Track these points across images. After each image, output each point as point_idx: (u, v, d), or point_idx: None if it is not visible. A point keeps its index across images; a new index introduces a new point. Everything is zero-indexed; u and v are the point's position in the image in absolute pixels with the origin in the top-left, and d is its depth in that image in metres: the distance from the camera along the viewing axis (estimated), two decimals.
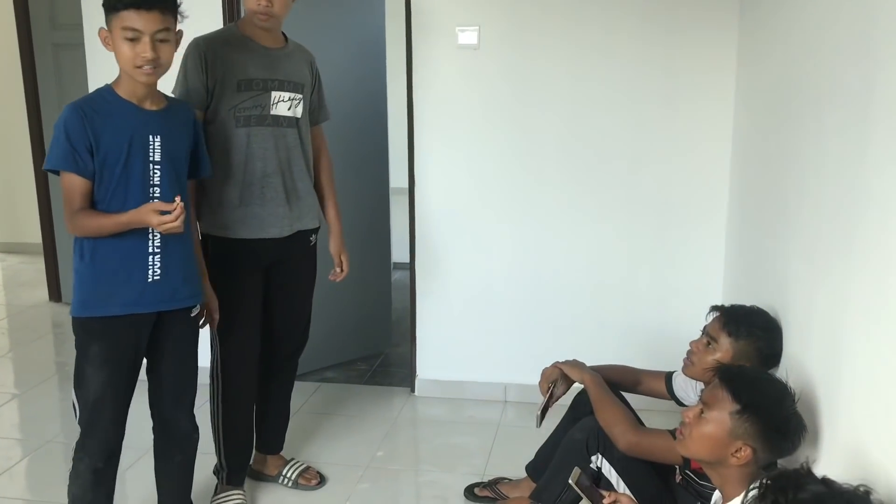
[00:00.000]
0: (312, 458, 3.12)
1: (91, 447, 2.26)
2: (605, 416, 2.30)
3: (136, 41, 2.06)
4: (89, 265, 2.17)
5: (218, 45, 2.54)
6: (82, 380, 2.22)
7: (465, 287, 3.61)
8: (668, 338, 3.12)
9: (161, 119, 2.20)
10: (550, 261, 3.52)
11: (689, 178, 3.35)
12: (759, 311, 2.31)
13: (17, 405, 3.72)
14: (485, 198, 3.52)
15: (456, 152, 3.50)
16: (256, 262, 2.65)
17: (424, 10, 3.39)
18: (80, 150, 2.08)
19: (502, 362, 3.63)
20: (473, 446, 3.24)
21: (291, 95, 2.60)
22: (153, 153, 2.17)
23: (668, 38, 3.27)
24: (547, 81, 3.37)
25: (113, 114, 2.13)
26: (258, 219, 2.59)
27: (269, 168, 2.58)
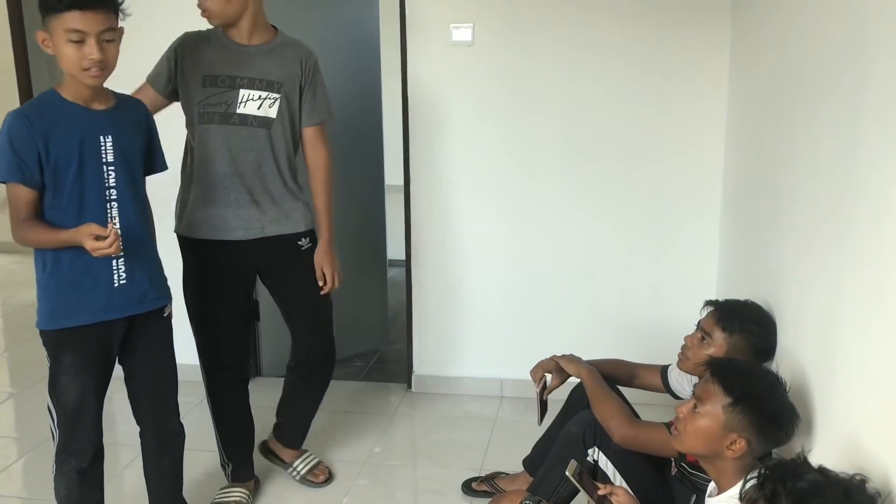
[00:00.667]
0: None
1: (76, 450, 2.24)
2: (601, 409, 2.32)
3: (82, 43, 1.99)
4: (53, 276, 2.12)
5: (195, 40, 2.55)
6: (58, 388, 2.18)
7: (461, 283, 3.62)
8: (663, 332, 3.14)
9: (111, 118, 2.14)
10: (546, 256, 3.53)
11: (684, 173, 3.37)
12: (753, 305, 2.32)
13: (13, 404, 3.72)
14: (480, 194, 3.53)
15: (451, 149, 3.50)
16: (228, 263, 2.60)
17: (418, 8, 3.40)
18: (27, 158, 2.02)
19: (498, 358, 3.64)
20: (470, 441, 3.26)
21: (263, 94, 2.52)
22: (105, 154, 2.11)
23: (661, 35, 3.28)
24: (541, 78, 3.38)
25: (60, 118, 2.06)
26: (222, 220, 2.56)
27: (233, 168, 2.53)
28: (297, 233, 2.67)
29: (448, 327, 3.67)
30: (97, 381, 2.22)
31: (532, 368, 2.58)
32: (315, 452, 3.09)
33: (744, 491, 1.41)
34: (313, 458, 3.00)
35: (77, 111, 2.09)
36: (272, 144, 2.57)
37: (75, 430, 2.22)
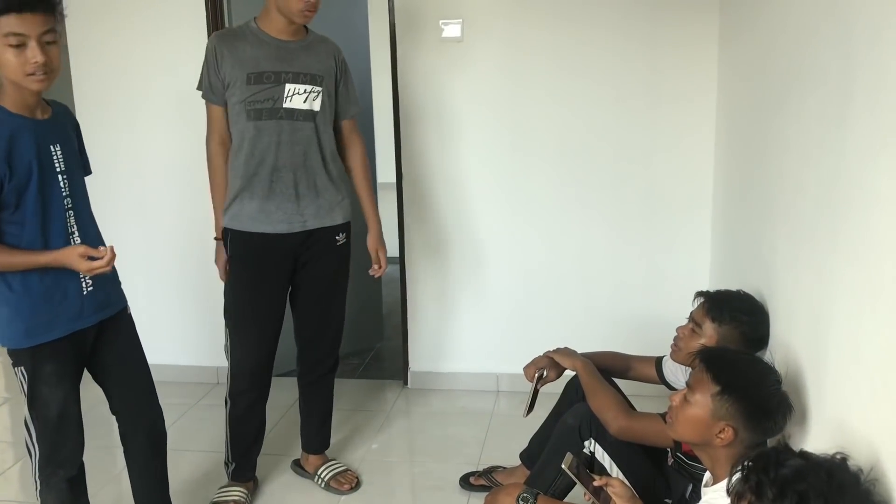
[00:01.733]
0: None
1: (64, 460, 2.19)
2: (596, 401, 2.33)
3: (23, 47, 1.89)
4: (22, 294, 2.05)
5: (230, 40, 2.58)
6: (38, 400, 2.12)
7: (455, 279, 3.63)
8: (657, 324, 3.13)
9: (53, 127, 2.08)
10: (539, 251, 3.54)
11: (675, 166, 3.38)
12: (744, 295, 2.34)
13: (8, 409, 3.72)
14: (472, 190, 3.53)
15: (443, 145, 3.51)
16: (271, 259, 2.64)
17: (408, 4, 3.40)
18: None
19: (493, 353, 3.65)
20: (467, 436, 3.27)
21: (308, 88, 2.58)
22: (58, 163, 2.07)
23: (650, 30, 3.29)
24: (531, 73, 3.39)
25: (15, 133, 1.98)
26: (266, 213, 2.60)
27: (279, 162, 2.58)
28: (336, 226, 2.72)
29: (442, 323, 3.68)
30: (75, 389, 2.18)
31: (525, 366, 2.59)
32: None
33: (730, 484, 1.43)
34: (339, 465, 2.98)
35: (26, 123, 2.01)
36: (318, 137, 2.62)
37: (61, 440, 2.18)
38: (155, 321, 3.22)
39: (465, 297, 3.64)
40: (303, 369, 2.88)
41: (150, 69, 3.57)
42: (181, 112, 3.48)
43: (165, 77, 3.55)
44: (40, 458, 2.17)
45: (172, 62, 3.52)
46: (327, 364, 2.88)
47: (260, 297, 2.68)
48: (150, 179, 3.67)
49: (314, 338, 2.83)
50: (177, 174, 3.59)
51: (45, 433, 2.16)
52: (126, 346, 2.30)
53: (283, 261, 2.67)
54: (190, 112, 3.09)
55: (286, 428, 3.30)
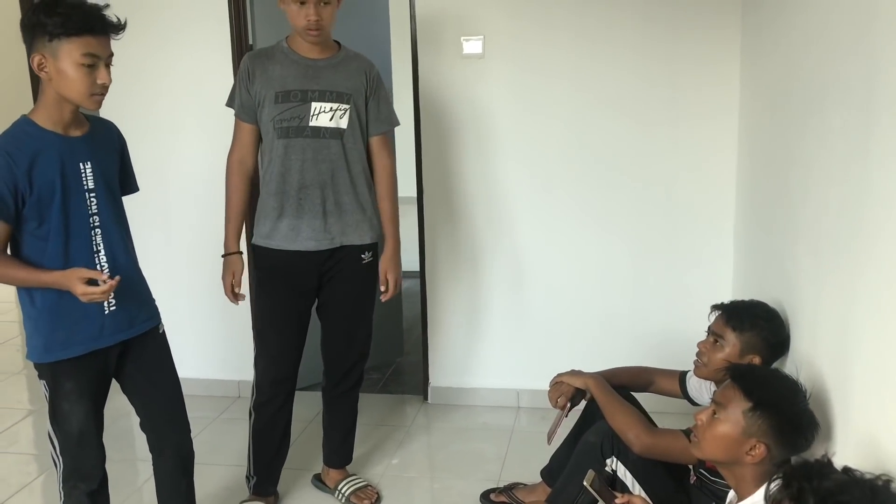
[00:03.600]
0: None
1: (85, 473, 2.21)
2: (616, 420, 2.31)
3: (93, 67, 1.98)
4: (42, 310, 2.07)
5: (261, 59, 2.61)
6: (60, 415, 2.15)
7: (475, 294, 3.62)
8: (679, 339, 3.12)
9: (88, 144, 2.11)
10: (559, 265, 3.53)
11: (696, 179, 3.36)
12: (758, 302, 2.35)
13: (32, 421, 3.75)
14: (492, 206, 3.53)
15: (463, 161, 3.51)
16: (297, 275, 2.66)
17: (429, 20, 3.42)
18: (5, 195, 1.97)
19: (514, 368, 3.64)
20: (488, 452, 3.25)
21: (334, 106, 2.59)
22: (86, 181, 2.08)
23: (670, 46, 3.28)
24: (552, 89, 3.39)
25: (40, 150, 2.01)
26: (295, 230, 2.62)
27: (306, 180, 2.59)
28: (363, 245, 2.71)
29: (463, 338, 3.67)
30: (97, 405, 2.20)
31: (549, 391, 2.57)
32: None
33: (769, 493, 1.41)
34: (360, 481, 2.97)
35: (54, 140, 2.04)
36: (345, 154, 2.62)
37: (81, 455, 2.19)
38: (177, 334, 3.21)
39: (485, 312, 3.63)
40: (328, 384, 2.89)
41: (176, 85, 3.61)
42: (204, 127, 3.52)
43: (190, 93, 3.59)
44: (64, 470, 2.21)
45: (197, 78, 3.56)
46: (352, 380, 2.88)
47: (284, 312, 2.69)
48: (174, 194, 3.70)
49: (340, 354, 2.83)
50: (200, 188, 3.61)
51: (67, 446, 2.18)
52: (154, 366, 2.30)
53: (308, 277, 2.68)
54: (215, 127, 3.11)
55: (307, 442, 3.30)
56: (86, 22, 1.95)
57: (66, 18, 1.93)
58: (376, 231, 2.75)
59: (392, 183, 2.78)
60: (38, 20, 1.95)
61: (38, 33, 1.95)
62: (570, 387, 2.54)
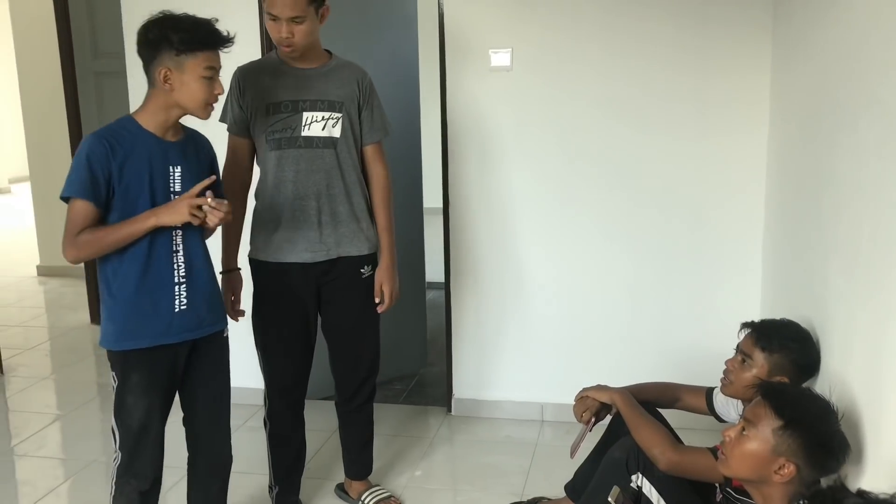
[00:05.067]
0: None
1: (138, 471, 2.27)
2: (642, 436, 2.29)
3: (211, 80, 2.14)
4: (118, 299, 2.19)
5: (252, 72, 2.62)
6: (124, 408, 2.24)
7: (500, 306, 3.62)
8: (706, 356, 3.09)
9: (180, 150, 2.23)
10: (586, 279, 3.52)
11: (724, 195, 3.34)
12: (789, 322, 2.31)
13: (60, 426, 3.79)
14: (519, 217, 3.53)
15: (490, 173, 3.52)
16: (295, 287, 2.65)
17: (458, 33, 3.43)
18: (100, 180, 2.10)
19: (539, 381, 3.63)
20: (511, 466, 3.24)
21: (326, 115, 2.57)
22: (174, 183, 2.20)
23: (700, 60, 3.27)
24: (579, 102, 3.39)
25: (135, 145, 2.15)
26: (290, 242, 2.60)
27: (300, 190, 2.58)
28: (361, 256, 2.69)
29: (487, 350, 3.67)
30: (162, 403, 2.27)
31: (574, 406, 2.56)
32: None
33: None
34: (382, 491, 2.97)
35: (151, 140, 2.17)
36: (339, 164, 2.61)
37: (138, 451, 2.26)
38: None
39: (510, 324, 3.62)
40: (340, 399, 2.88)
41: None
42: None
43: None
44: (119, 464, 2.28)
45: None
46: (364, 394, 2.86)
47: (285, 325, 2.69)
48: None
49: (348, 371, 2.83)
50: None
51: (126, 441, 2.26)
52: (210, 368, 2.38)
53: (306, 289, 2.67)
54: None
55: (330, 452, 3.31)
56: (209, 38, 2.13)
57: (192, 35, 2.10)
58: (373, 242, 2.72)
59: (387, 192, 2.73)
60: (165, 35, 2.10)
61: (165, 47, 2.10)
62: (595, 401, 2.52)
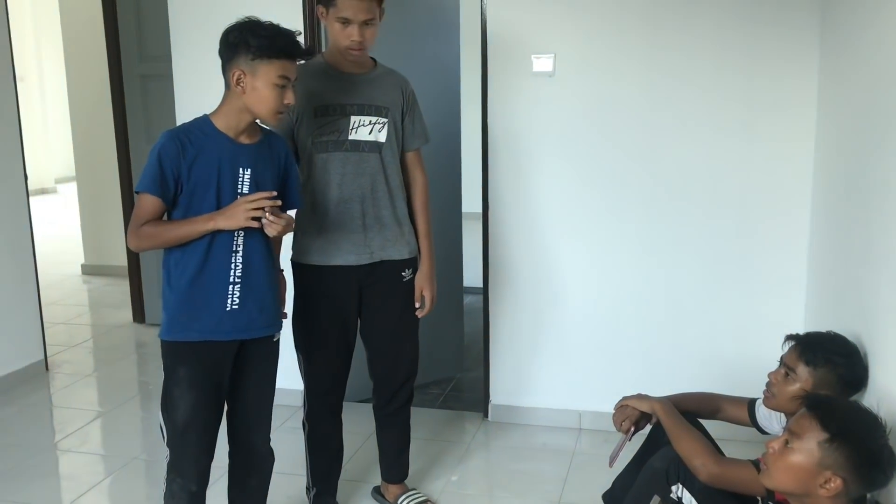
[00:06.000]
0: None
1: (183, 469, 2.29)
2: (683, 446, 2.26)
3: (285, 88, 2.17)
4: (174, 292, 2.23)
5: (300, 75, 2.61)
6: (170, 402, 2.26)
7: (539, 312, 3.60)
8: (748, 367, 3.05)
9: (253, 152, 2.26)
10: (626, 287, 3.49)
11: (770, 202, 3.29)
12: (836, 336, 2.26)
13: (101, 423, 3.84)
14: (559, 223, 3.51)
15: (530, 177, 3.50)
16: (337, 290, 2.66)
17: (500, 38, 3.43)
18: (169, 177, 2.15)
19: (576, 389, 3.60)
20: (548, 473, 3.22)
21: (373, 119, 2.60)
22: (242, 185, 2.23)
23: (747, 65, 3.23)
24: (623, 108, 3.36)
25: (207, 146, 2.19)
26: (335, 245, 2.62)
27: (345, 193, 2.60)
28: (402, 260, 2.71)
29: (525, 356, 3.65)
30: (207, 399, 2.27)
31: (614, 414, 2.53)
32: None
33: None
34: (419, 495, 2.97)
35: (224, 142, 2.21)
36: (384, 168, 2.63)
37: (183, 448, 2.28)
38: None
39: (548, 330, 3.60)
40: (378, 402, 2.89)
41: None
42: None
43: None
44: (168, 461, 2.30)
45: None
46: (402, 398, 2.87)
47: (326, 328, 2.69)
48: None
49: (387, 374, 2.83)
50: None
51: (172, 438, 2.28)
52: (255, 369, 2.37)
53: (348, 292, 2.68)
54: None
55: (367, 454, 3.32)
56: (286, 47, 2.16)
57: (270, 42, 2.13)
58: (413, 246, 2.74)
59: (427, 198, 2.78)
60: (244, 39, 2.14)
61: (242, 51, 2.14)
62: (635, 410, 2.49)
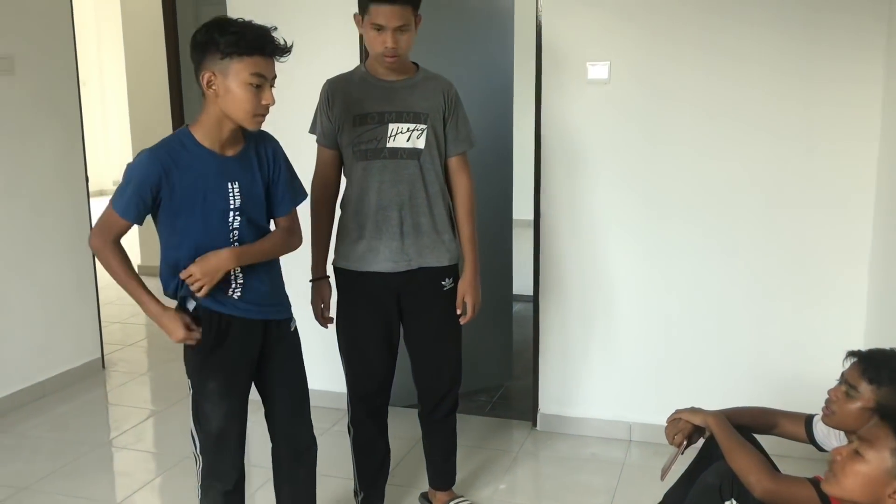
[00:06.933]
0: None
1: (221, 473, 2.30)
2: (738, 461, 2.21)
3: (259, 88, 2.04)
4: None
5: (340, 84, 2.66)
6: (201, 416, 2.26)
7: (590, 321, 3.56)
8: (803, 383, 2.99)
9: (239, 164, 2.17)
10: (679, 299, 3.43)
11: (830, 213, 3.21)
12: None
13: (154, 421, 3.92)
14: (612, 233, 3.48)
15: (583, 186, 3.48)
16: (377, 296, 2.67)
17: (555, 45, 3.41)
18: (145, 200, 2.08)
19: (627, 400, 3.56)
20: (597, 485, 3.19)
21: (411, 126, 2.60)
22: (233, 200, 2.15)
23: (807, 71, 3.16)
24: (678, 116, 3.32)
25: (191, 164, 2.10)
26: (373, 251, 2.63)
27: (384, 200, 2.61)
28: (442, 268, 2.70)
29: (574, 366, 3.62)
30: (238, 405, 2.29)
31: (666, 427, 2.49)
32: None
33: None
34: (466, 502, 2.97)
35: (207, 158, 2.12)
36: (423, 175, 2.63)
37: (221, 456, 2.29)
38: None
39: (599, 340, 3.57)
40: (423, 410, 2.89)
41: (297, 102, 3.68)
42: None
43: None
44: (202, 468, 2.31)
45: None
46: (447, 406, 2.87)
47: (367, 332, 2.71)
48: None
49: (431, 382, 2.83)
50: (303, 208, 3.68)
51: (206, 446, 2.28)
52: (281, 360, 2.36)
53: (387, 298, 2.69)
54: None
55: (415, 460, 3.32)
56: (257, 42, 2.02)
57: (238, 38, 2.00)
58: (454, 253, 2.73)
59: (472, 204, 2.74)
60: (210, 38, 2.03)
61: (211, 51, 2.02)
62: (688, 424, 2.45)
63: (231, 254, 2.15)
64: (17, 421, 3.83)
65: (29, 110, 4.03)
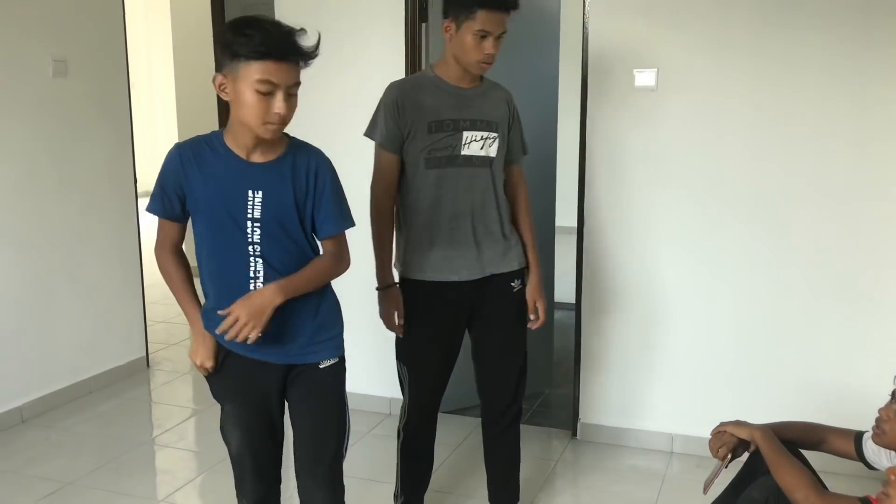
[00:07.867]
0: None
1: (245, 491, 2.23)
2: (784, 477, 2.17)
3: (270, 95, 1.88)
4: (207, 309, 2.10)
5: (410, 90, 2.60)
6: (225, 432, 2.19)
7: (632, 331, 3.53)
8: (852, 397, 2.92)
9: (267, 172, 2.01)
10: (724, 309, 3.38)
11: (882, 225, 3.14)
12: None
13: (195, 421, 3.96)
14: (655, 241, 3.43)
15: (628, 194, 3.44)
16: (449, 305, 2.64)
17: (601, 52, 3.38)
18: (171, 194, 2.01)
19: (670, 412, 3.51)
20: (637, 497, 3.15)
21: (484, 135, 2.58)
22: (252, 210, 1.99)
23: (859, 76, 3.09)
24: (726, 124, 3.27)
25: (211, 163, 2.00)
26: (448, 261, 2.60)
27: (458, 209, 2.58)
28: (512, 272, 2.70)
29: (616, 376, 3.58)
30: (258, 434, 2.16)
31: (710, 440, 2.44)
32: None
33: None
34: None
35: (232, 162, 2.00)
36: (494, 183, 2.63)
37: (241, 474, 2.22)
38: None
39: (641, 350, 3.52)
40: (488, 420, 2.84)
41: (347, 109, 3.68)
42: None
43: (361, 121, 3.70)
44: (234, 478, 2.25)
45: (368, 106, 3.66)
46: (512, 413, 2.82)
47: (436, 344, 2.68)
48: None
49: (499, 388, 2.79)
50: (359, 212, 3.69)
51: (232, 461, 2.22)
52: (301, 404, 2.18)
53: (461, 307, 2.67)
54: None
55: (454, 466, 3.31)
56: (266, 45, 1.85)
57: (248, 39, 1.85)
58: (521, 258, 2.73)
59: (531, 211, 2.78)
60: (225, 39, 1.91)
61: (226, 52, 1.89)
62: (733, 437, 2.40)
63: (275, 288, 1.98)
64: (64, 416, 3.90)
65: (81, 112, 4.12)
